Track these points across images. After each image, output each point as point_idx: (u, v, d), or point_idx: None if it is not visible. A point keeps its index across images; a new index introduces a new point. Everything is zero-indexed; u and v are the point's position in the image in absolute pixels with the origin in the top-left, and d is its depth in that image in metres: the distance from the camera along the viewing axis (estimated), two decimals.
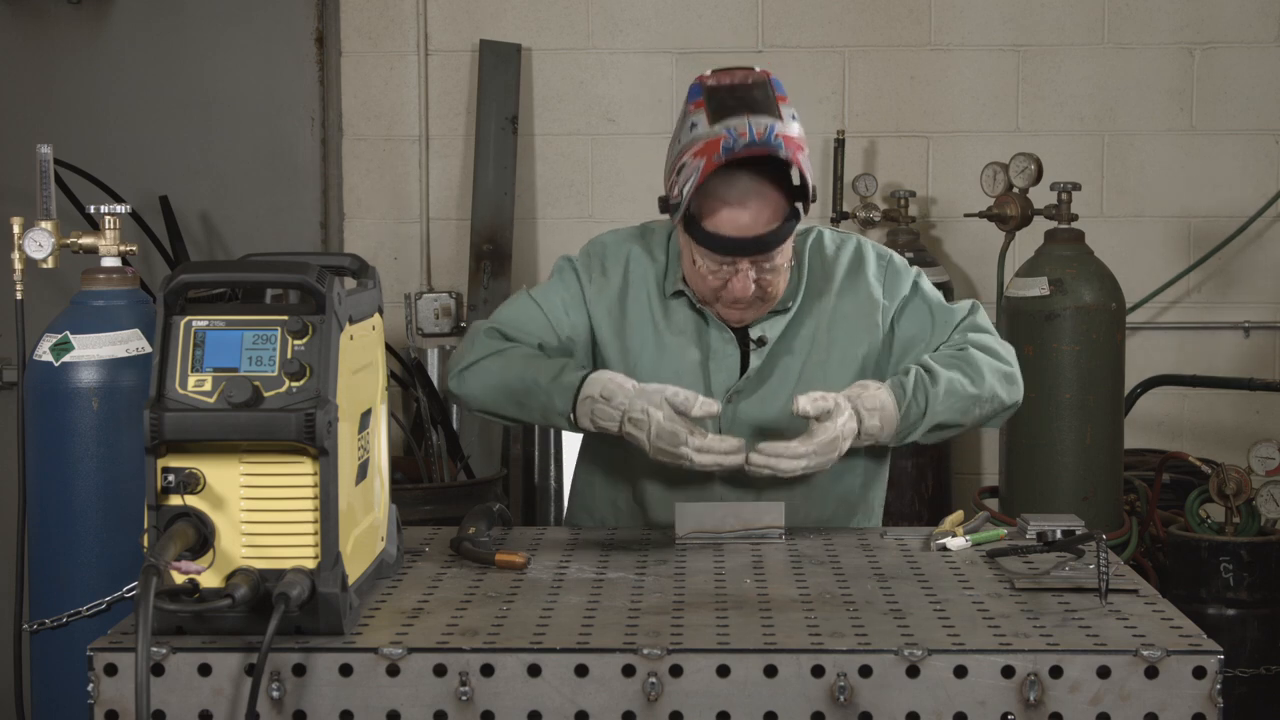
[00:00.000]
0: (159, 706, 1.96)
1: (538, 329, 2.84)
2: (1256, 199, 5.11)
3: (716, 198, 2.66)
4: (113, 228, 2.92)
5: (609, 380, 2.66)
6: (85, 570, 2.79)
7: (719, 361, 2.82)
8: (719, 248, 2.69)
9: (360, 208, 5.21)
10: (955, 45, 5.14)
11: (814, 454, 2.60)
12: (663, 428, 2.59)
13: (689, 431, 2.59)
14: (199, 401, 1.98)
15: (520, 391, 2.74)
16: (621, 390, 2.64)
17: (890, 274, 2.88)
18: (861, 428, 2.65)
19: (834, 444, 2.61)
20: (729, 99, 2.64)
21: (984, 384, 2.75)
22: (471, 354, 2.82)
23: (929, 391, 2.70)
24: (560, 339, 2.84)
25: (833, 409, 2.61)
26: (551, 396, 2.70)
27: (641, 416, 2.61)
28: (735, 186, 2.66)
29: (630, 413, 2.62)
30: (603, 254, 2.90)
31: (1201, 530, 4.29)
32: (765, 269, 2.71)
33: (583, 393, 2.66)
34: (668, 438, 2.59)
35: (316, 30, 5.18)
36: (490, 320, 2.87)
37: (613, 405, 2.64)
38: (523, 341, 2.82)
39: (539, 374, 2.72)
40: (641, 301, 2.86)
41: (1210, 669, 1.95)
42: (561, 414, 2.69)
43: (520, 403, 2.75)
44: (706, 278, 2.74)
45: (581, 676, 1.97)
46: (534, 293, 2.89)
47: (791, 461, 2.59)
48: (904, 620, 2.11)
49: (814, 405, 2.61)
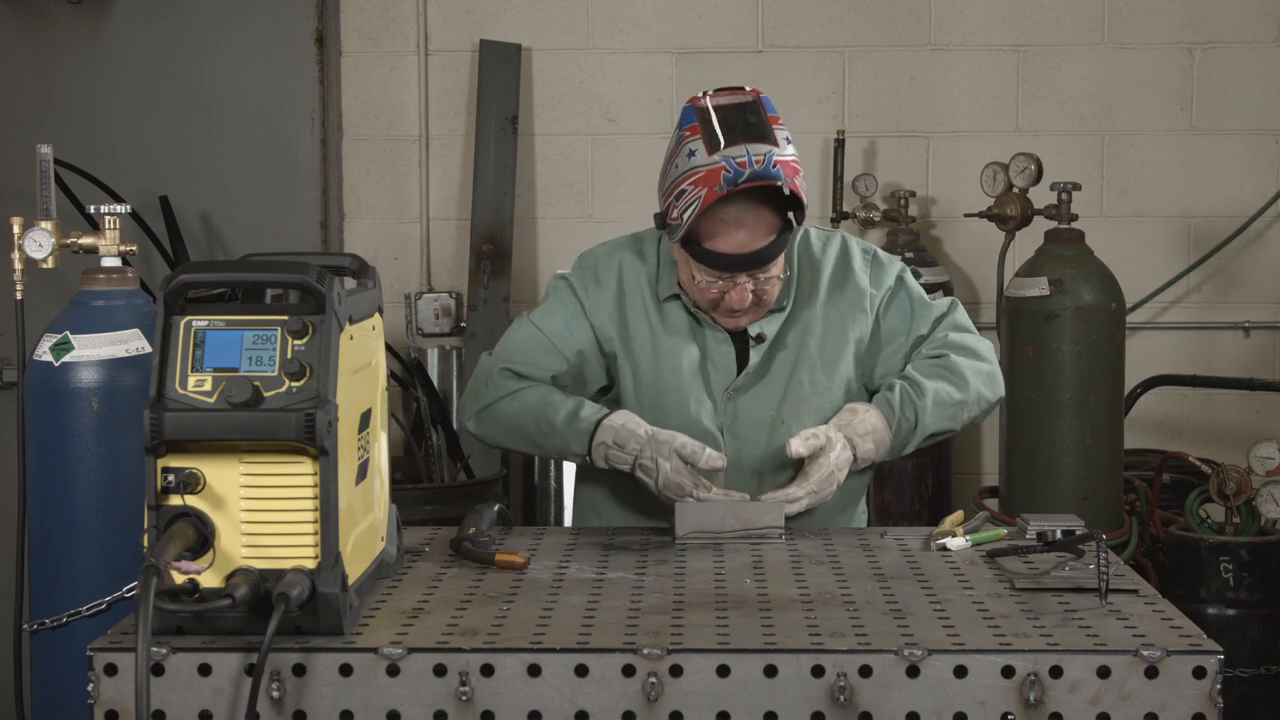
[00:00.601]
0: (159, 706, 1.96)
1: (547, 358, 2.89)
2: (1256, 199, 5.11)
3: (715, 219, 2.72)
4: (113, 228, 2.92)
5: (621, 427, 2.75)
6: (85, 570, 2.79)
7: (716, 360, 2.88)
8: (718, 265, 2.75)
9: (360, 208, 5.21)
10: (955, 45, 5.14)
11: (812, 493, 2.71)
12: (669, 479, 2.69)
13: (694, 484, 2.69)
14: (199, 401, 1.98)
15: (536, 434, 2.83)
16: (634, 438, 2.73)
17: (875, 265, 2.95)
18: (856, 453, 2.75)
19: (830, 479, 2.72)
20: (725, 126, 2.68)
21: (968, 389, 2.83)
22: (486, 395, 2.88)
23: (917, 405, 2.78)
24: (569, 361, 2.89)
25: (825, 445, 2.71)
26: (568, 441, 2.79)
27: (650, 464, 2.71)
28: (733, 206, 2.71)
29: (640, 459, 2.72)
30: (595, 266, 2.95)
31: (1201, 530, 4.29)
32: (762, 280, 2.78)
33: (596, 438, 2.76)
34: (674, 488, 2.70)
35: (316, 30, 5.18)
36: (500, 356, 2.90)
37: (626, 452, 2.74)
38: (534, 376, 2.87)
39: (554, 417, 2.80)
40: (637, 307, 2.91)
41: (1210, 669, 1.95)
42: (577, 454, 2.80)
43: (538, 444, 2.85)
44: (705, 291, 2.80)
45: (581, 676, 1.97)
46: (534, 318, 2.93)
47: (791, 506, 2.70)
48: (904, 620, 2.11)
49: (806, 445, 2.71)
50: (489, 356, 2.93)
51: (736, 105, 2.71)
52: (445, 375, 5.11)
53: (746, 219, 2.71)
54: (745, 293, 2.77)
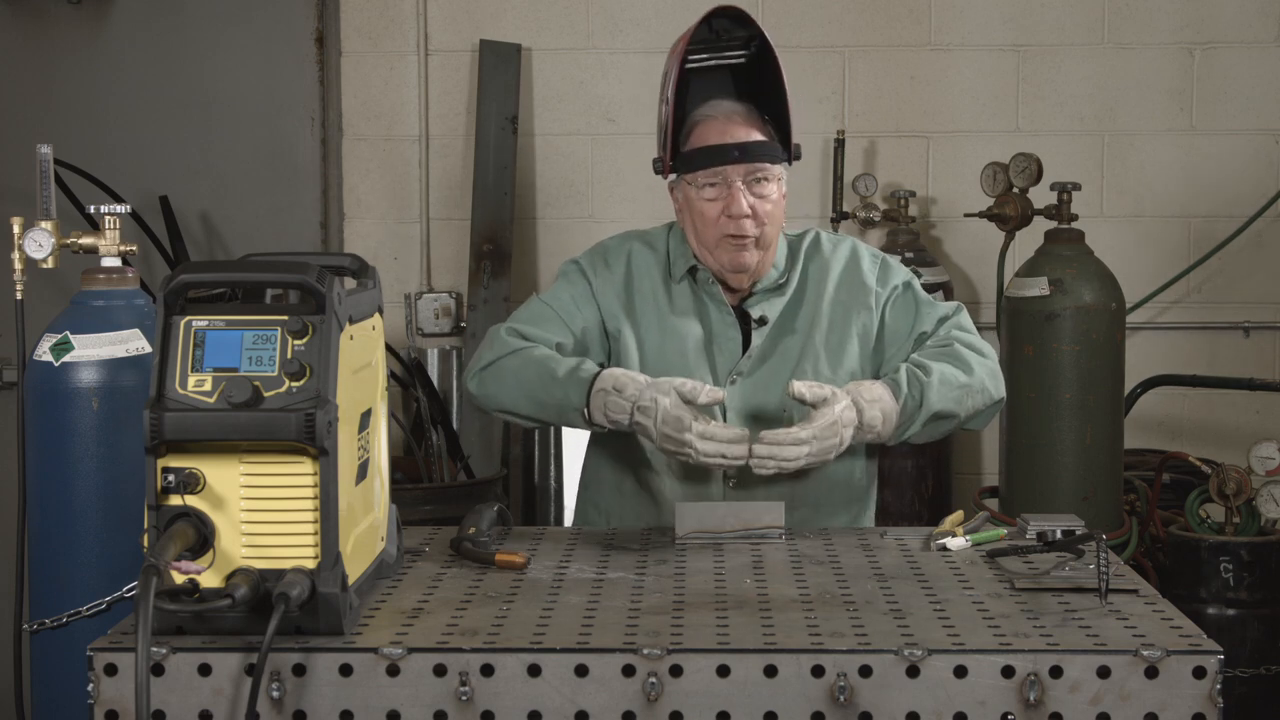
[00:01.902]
0: (159, 706, 1.96)
1: (553, 328, 2.91)
2: (1256, 199, 5.11)
3: (702, 120, 2.86)
4: (113, 228, 2.92)
5: (621, 374, 2.72)
6: (85, 570, 2.79)
7: (721, 344, 2.91)
8: (707, 156, 2.83)
9: (360, 208, 5.21)
10: (955, 45, 5.14)
11: (815, 439, 2.62)
12: (668, 413, 2.63)
13: (693, 418, 2.62)
14: (199, 401, 1.98)
15: (537, 387, 2.79)
16: (633, 382, 2.70)
17: (883, 267, 2.99)
18: (862, 418, 2.69)
19: (833, 429, 2.64)
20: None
21: (974, 374, 2.82)
22: (490, 354, 2.88)
23: (923, 382, 2.75)
24: (575, 335, 2.92)
25: (829, 396, 2.66)
26: (567, 391, 2.74)
27: (650, 404, 2.65)
28: (720, 107, 2.86)
29: (639, 401, 2.66)
30: (604, 252, 3.01)
31: (1201, 530, 4.29)
32: (757, 193, 2.84)
33: (596, 386, 2.71)
34: (673, 423, 2.62)
35: (316, 30, 5.18)
36: (508, 322, 2.95)
37: (624, 397, 2.68)
38: (540, 341, 2.88)
39: (555, 369, 2.77)
40: (645, 289, 2.95)
41: (1210, 669, 1.95)
42: (576, 409, 2.73)
43: (538, 400, 2.79)
44: (705, 208, 2.85)
45: (581, 676, 1.97)
46: (544, 296, 2.98)
47: (794, 448, 2.62)
48: (904, 620, 2.11)
49: (810, 391, 2.66)
50: (498, 325, 2.95)
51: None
52: (445, 375, 5.11)
53: (734, 118, 2.85)
54: (742, 200, 2.82)
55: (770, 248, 2.89)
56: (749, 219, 2.83)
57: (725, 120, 2.85)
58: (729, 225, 2.84)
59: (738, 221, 2.83)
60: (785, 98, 2.85)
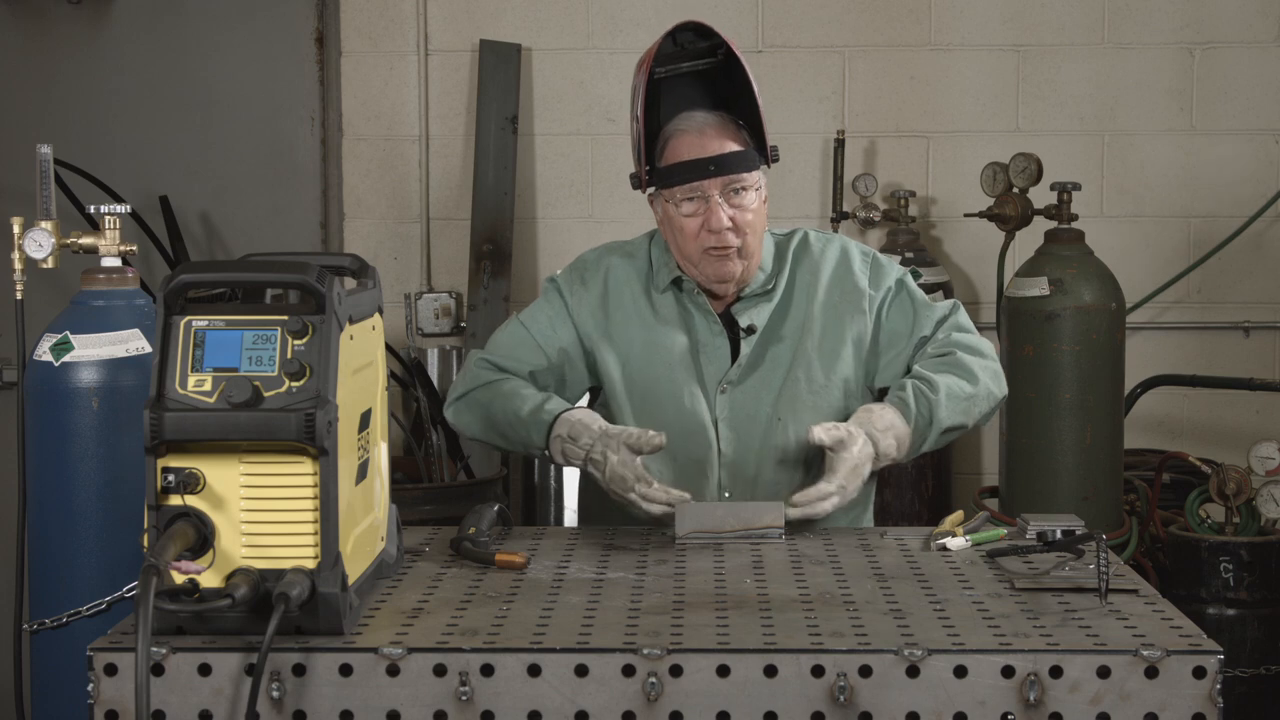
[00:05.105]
0: (159, 706, 1.96)
1: (528, 354, 2.93)
2: (1256, 199, 5.11)
3: (675, 134, 2.83)
4: (113, 228, 2.92)
5: (577, 421, 2.75)
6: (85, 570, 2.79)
7: (709, 353, 2.89)
8: (683, 172, 2.81)
9: (360, 208, 5.21)
10: (955, 45, 5.14)
11: (841, 488, 2.67)
12: (614, 471, 2.68)
13: (636, 478, 2.66)
14: (199, 401, 1.98)
15: (503, 424, 2.84)
16: (587, 431, 2.73)
17: (874, 267, 2.96)
18: (878, 449, 2.72)
19: (856, 472, 2.68)
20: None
21: (979, 383, 2.82)
22: (463, 385, 2.92)
23: (931, 400, 2.76)
24: (550, 359, 2.93)
25: (846, 438, 2.68)
26: (529, 432, 2.79)
27: (600, 459, 2.70)
28: (693, 119, 2.83)
29: (591, 454, 2.71)
30: (583, 268, 3.01)
31: (1201, 530, 4.29)
32: (736, 204, 2.81)
33: (553, 432, 2.76)
34: (618, 481, 2.68)
35: (316, 30, 5.18)
36: (484, 350, 2.96)
37: (579, 445, 2.73)
38: (513, 370, 2.91)
39: (520, 408, 2.81)
40: (626, 303, 2.94)
41: (1210, 669, 1.95)
42: (538, 447, 2.79)
43: (504, 435, 2.85)
44: (684, 224, 2.83)
45: (581, 676, 1.97)
46: (522, 317, 2.99)
47: (823, 504, 2.66)
48: (904, 620, 2.11)
49: (829, 435, 2.68)
50: (477, 351, 2.98)
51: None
52: (445, 375, 5.11)
53: (707, 130, 2.82)
54: (720, 212, 2.80)
55: (754, 255, 2.87)
56: (730, 231, 2.81)
57: (698, 134, 2.82)
58: (709, 239, 2.82)
59: (718, 234, 2.81)
60: (756, 102, 2.82)
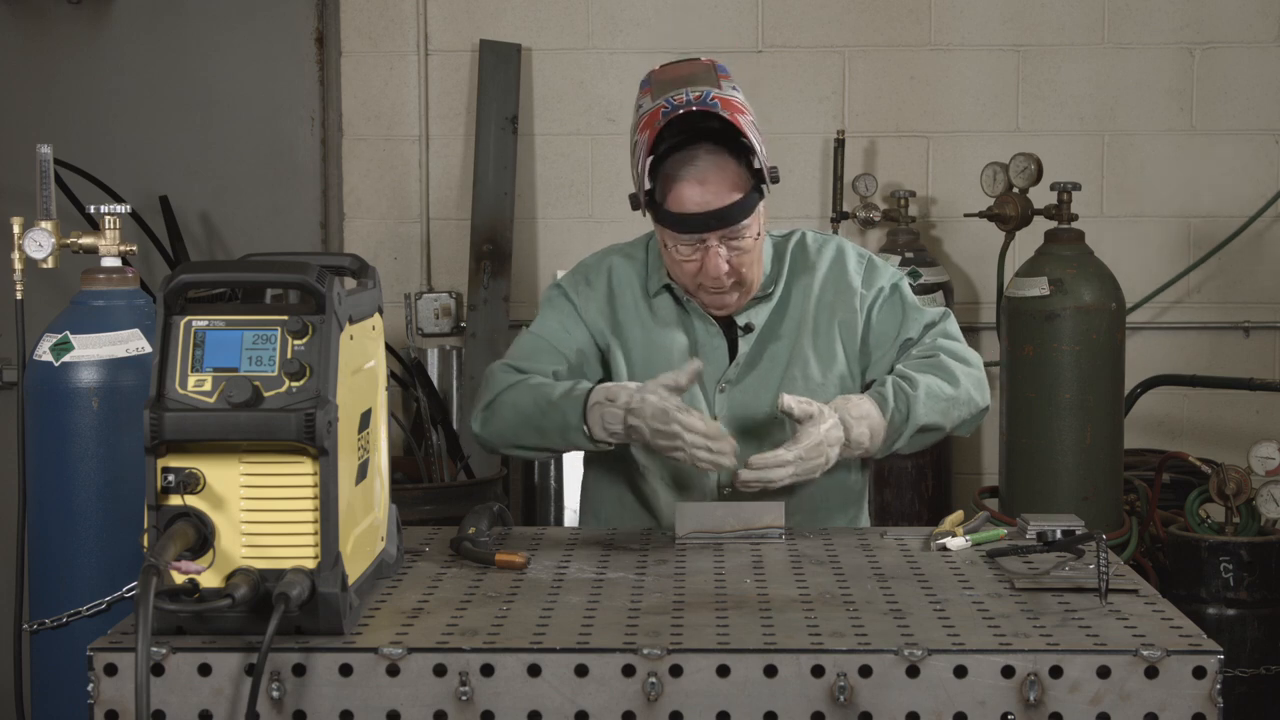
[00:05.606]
0: (159, 706, 1.96)
1: (548, 359, 2.91)
2: (1256, 199, 5.11)
3: (676, 177, 2.76)
4: (113, 228, 2.92)
5: (613, 385, 2.75)
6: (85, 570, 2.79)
7: (707, 353, 2.89)
8: (683, 225, 2.77)
9: (360, 208, 5.21)
10: (955, 45, 5.14)
11: (800, 459, 2.64)
12: (655, 407, 2.65)
13: (676, 408, 2.65)
14: (199, 401, 1.98)
15: (536, 415, 2.80)
16: (624, 390, 2.71)
17: (869, 268, 2.96)
18: (849, 435, 2.70)
19: (819, 449, 2.66)
20: (669, 78, 2.78)
21: (960, 386, 2.82)
22: (490, 392, 2.89)
23: (909, 396, 2.76)
24: (570, 360, 2.92)
25: (816, 414, 2.68)
26: (565, 412, 2.76)
27: (639, 405, 2.67)
28: (694, 165, 2.75)
29: (630, 404, 2.68)
30: (585, 270, 3.00)
31: (1201, 530, 4.29)
32: (735, 247, 2.78)
33: (590, 400, 2.73)
34: (660, 416, 2.64)
35: (316, 30, 5.18)
36: (503, 359, 2.95)
37: (617, 405, 2.69)
38: (536, 373, 2.89)
39: (551, 394, 2.79)
40: (628, 304, 2.94)
41: (1210, 669, 1.95)
42: (576, 427, 2.74)
43: (539, 427, 2.80)
44: (682, 263, 2.81)
45: (581, 676, 1.97)
46: (533, 328, 2.98)
47: (779, 470, 2.64)
48: (904, 620, 2.11)
49: (798, 406, 2.68)
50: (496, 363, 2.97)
51: (685, 62, 2.83)
52: (445, 375, 5.11)
53: (709, 177, 2.75)
54: (719, 260, 2.77)
55: (753, 281, 2.86)
56: (727, 275, 2.80)
57: (699, 183, 2.74)
58: (707, 279, 2.81)
59: (715, 279, 2.81)
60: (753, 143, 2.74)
